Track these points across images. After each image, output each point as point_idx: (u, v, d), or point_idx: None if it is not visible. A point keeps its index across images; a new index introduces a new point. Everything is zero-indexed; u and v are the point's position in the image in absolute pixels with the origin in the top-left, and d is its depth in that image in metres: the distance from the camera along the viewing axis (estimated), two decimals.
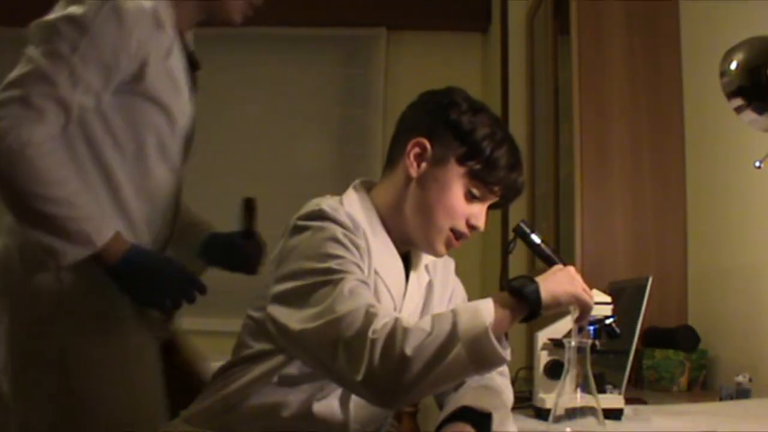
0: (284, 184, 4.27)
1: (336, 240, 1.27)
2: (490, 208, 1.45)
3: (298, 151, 4.38)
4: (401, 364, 1.08)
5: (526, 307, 1.17)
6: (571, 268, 1.25)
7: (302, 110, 4.44)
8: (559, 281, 1.21)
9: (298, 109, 4.44)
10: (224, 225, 1.88)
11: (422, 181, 1.39)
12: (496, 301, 1.16)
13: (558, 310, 1.22)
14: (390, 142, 1.49)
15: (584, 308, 1.22)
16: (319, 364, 1.22)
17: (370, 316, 1.14)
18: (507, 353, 1.13)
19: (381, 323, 1.13)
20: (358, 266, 1.27)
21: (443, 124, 1.39)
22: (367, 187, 1.49)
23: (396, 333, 1.11)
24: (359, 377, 1.11)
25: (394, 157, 1.45)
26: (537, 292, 1.17)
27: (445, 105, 1.42)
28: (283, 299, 1.25)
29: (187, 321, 5.00)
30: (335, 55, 4.53)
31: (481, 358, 1.11)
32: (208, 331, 4.12)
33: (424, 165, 1.39)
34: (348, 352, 1.13)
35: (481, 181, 1.38)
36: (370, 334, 1.12)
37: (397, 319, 1.13)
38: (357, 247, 1.30)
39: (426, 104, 1.47)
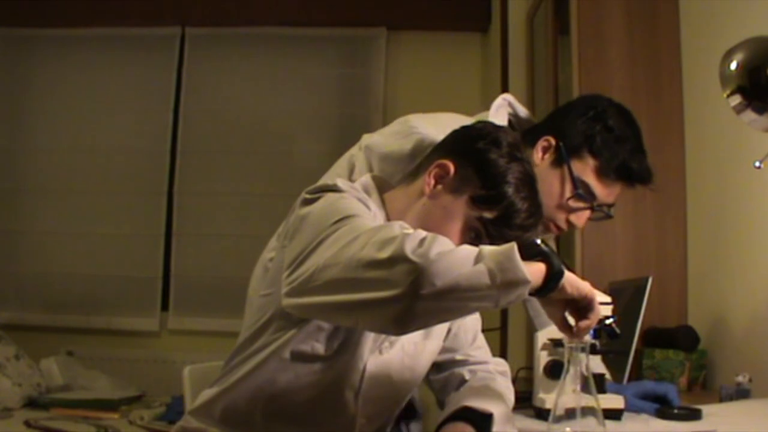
0: (284, 184, 4.27)
1: (349, 200, 1.27)
2: None
3: (298, 151, 4.38)
4: (425, 261, 1.05)
5: (548, 271, 1.13)
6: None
7: (302, 110, 4.44)
8: (581, 281, 1.18)
9: (298, 109, 4.44)
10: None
11: (431, 202, 1.38)
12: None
13: (567, 297, 1.17)
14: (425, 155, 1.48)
15: (590, 309, 1.17)
16: (335, 282, 1.13)
17: (403, 227, 1.13)
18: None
19: (412, 230, 1.12)
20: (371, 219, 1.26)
21: (475, 157, 1.37)
22: (379, 184, 1.48)
23: (426, 237, 1.09)
24: (385, 255, 1.07)
25: (419, 169, 1.45)
26: (561, 264, 1.14)
27: (487, 141, 1.39)
28: (296, 269, 1.19)
29: (188, 321, 5.01)
30: (335, 55, 4.53)
31: (503, 272, 1.06)
32: (208, 331, 4.14)
33: (439, 187, 1.38)
34: (377, 243, 1.09)
35: (487, 228, 1.34)
36: (401, 230, 1.11)
37: (429, 233, 1.12)
38: (369, 210, 1.30)
39: (470, 132, 1.44)
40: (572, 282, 1.15)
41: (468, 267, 1.06)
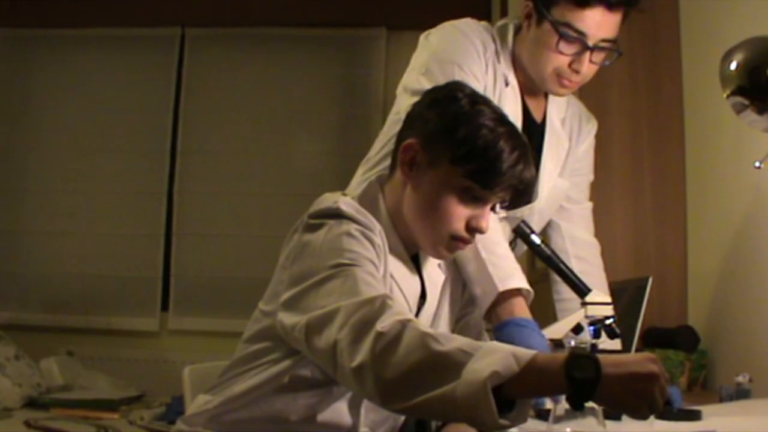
0: (284, 184, 4.27)
1: (350, 235, 1.24)
2: (504, 209, 1.40)
3: (298, 151, 4.38)
4: (391, 378, 1.01)
5: (565, 392, 0.99)
6: (654, 365, 0.97)
7: (302, 110, 4.44)
8: (633, 391, 0.97)
9: (298, 109, 4.44)
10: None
11: (416, 186, 1.34)
12: (542, 361, 0.99)
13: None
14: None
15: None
16: (323, 353, 1.14)
17: (383, 307, 1.08)
18: (518, 416, 1.00)
19: (392, 319, 1.05)
20: (372, 262, 1.23)
21: (435, 120, 1.33)
22: (382, 184, 1.44)
23: (401, 338, 1.02)
24: (353, 364, 1.04)
25: (394, 158, 1.41)
26: (591, 387, 0.96)
27: (441, 100, 1.35)
28: (293, 303, 1.22)
29: (187, 321, 5.01)
30: (335, 55, 4.53)
31: (471, 408, 0.96)
32: (208, 332, 4.14)
33: (415, 169, 1.34)
34: (351, 336, 1.06)
35: (478, 181, 1.29)
36: (378, 326, 1.05)
37: (409, 321, 1.05)
38: (372, 244, 1.26)
39: (423, 101, 1.40)
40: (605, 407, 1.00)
41: (431, 388, 0.98)
